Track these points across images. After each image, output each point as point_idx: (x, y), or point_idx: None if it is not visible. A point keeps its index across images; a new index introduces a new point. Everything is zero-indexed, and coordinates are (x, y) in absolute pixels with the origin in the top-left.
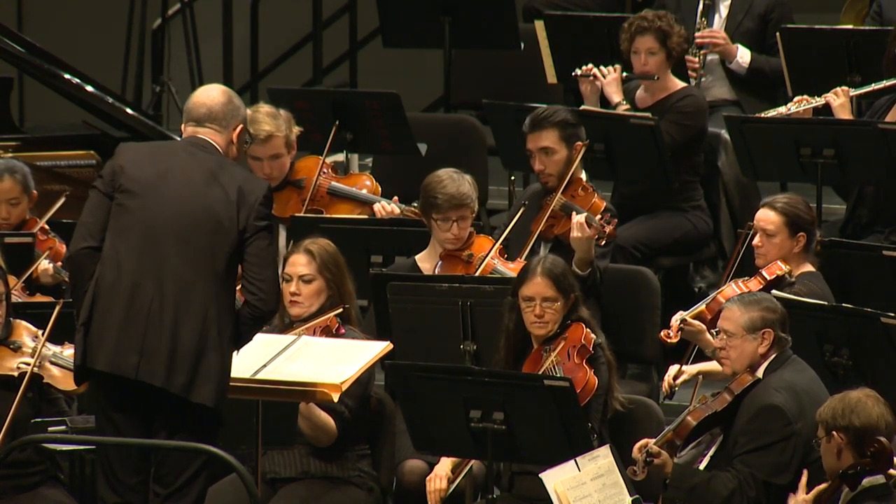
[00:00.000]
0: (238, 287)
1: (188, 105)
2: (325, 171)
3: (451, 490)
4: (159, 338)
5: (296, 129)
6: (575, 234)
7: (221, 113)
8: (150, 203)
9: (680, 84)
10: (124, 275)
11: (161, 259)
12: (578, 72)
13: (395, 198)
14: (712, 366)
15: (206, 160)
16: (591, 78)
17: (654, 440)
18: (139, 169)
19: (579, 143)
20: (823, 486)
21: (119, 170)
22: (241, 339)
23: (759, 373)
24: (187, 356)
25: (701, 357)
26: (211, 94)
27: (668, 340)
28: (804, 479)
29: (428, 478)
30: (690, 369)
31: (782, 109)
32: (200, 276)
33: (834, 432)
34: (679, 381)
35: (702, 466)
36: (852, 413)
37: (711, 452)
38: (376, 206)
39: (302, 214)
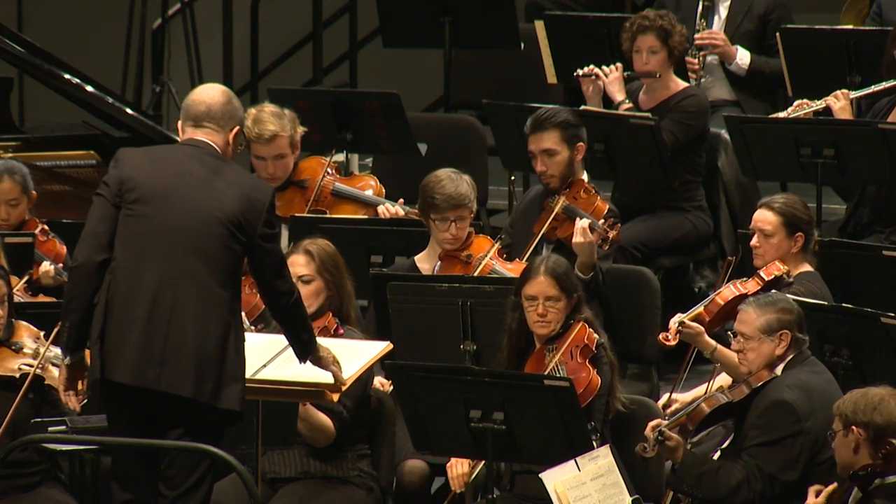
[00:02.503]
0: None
1: (187, 102)
2: (329, 171)
3: (473, 475)
4: (182, 347)
5: (300, 129)
6: (577, 239)
7: (220, 112)
8: (162, 212)
9: (682, 84)
10: (143, 285)
11: (178, 267)
12: (580, 72)
13: (401, 200)
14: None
15: (211, 165)
16: (593, 77)
17: (666, 421)
18: (148, 177)
19: (581, 143)
20: (833, 487)
21: (127, 179)
22: (292, 341)
23: (778, 370)
24: (211, 364)
25: (699, 359)
26: (211, 93)
27: (667, 343)
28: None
29: (448, 465)
30: (683, 397)
31: (782, 114)
32: (218, 283)
33: (853, 427)
34: (671, 410)
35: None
36: (874, 410)
37: (724, 446)
38: (380, 208)
39: (303, 214)
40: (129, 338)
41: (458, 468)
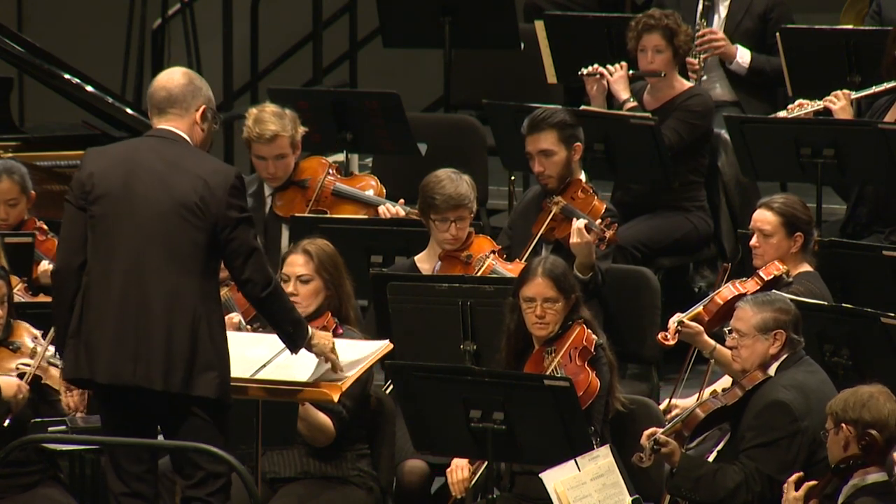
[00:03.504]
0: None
1: (149, 91)
2: (330, 172)
3: (473, 481)
4: (152, 342)
5: (301, 129)
6: (574, 240)
7: (181, 95)
8: (120, 209)
9: (687, 84)
10: (111, 284)
11: (142, 262)
12: (584, 71)
13: (402, 200)
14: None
15: (169, 153)
16: (598, 77)
17: (662, 429)
18: (106, 175)
19: (578, 143)
20: (813, 483)
21: (87, 179)
22: (279, 334)
23: (771, 371)
24: (182, 355)
25: (700, 360)
26: (171, 77)
27: (666, 342)
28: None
29: (448, 470)
30: (683, 403)
31: (782, 114)
32: (183, 273)
33: (843, 424)
34: (670, 416)
35: (709, 460)
36: (863, 407)
37: (720, 447)
38: (381, 209)
39: (303, 214)
40: (102, 338)
41: (459, 474)
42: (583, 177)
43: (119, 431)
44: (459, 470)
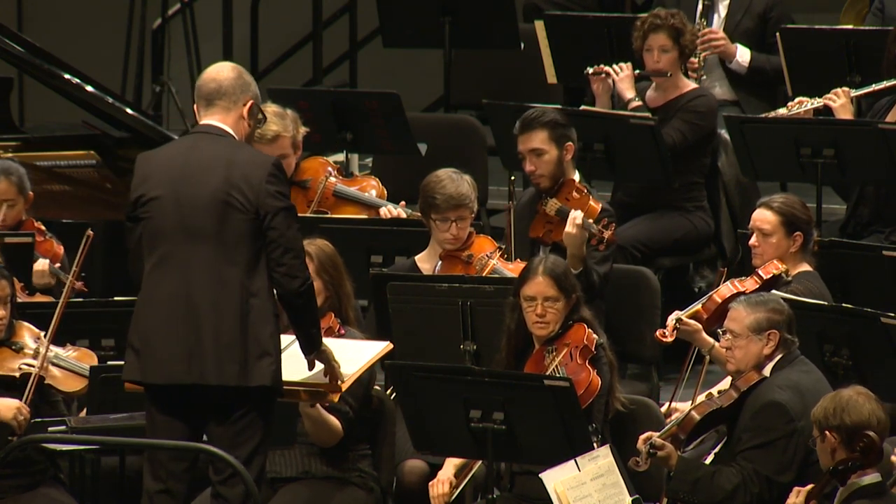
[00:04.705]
0: None
1: (198, 82)
2: (332, 173)
3: (454, 494)
4: (202, 337)
5: (302, 130)
6: (568, 229)
7: (231, 88)
8: (166, 209)
9: (691, 84)
10: (161, 286)
11: (187, 259)
12: (590, 70)
13: (403, 202)
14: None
15: (213, 149)
16: (604, 76)
17: (658, 433)
18: (150, 179)
19: (570, 143)
20: (810, 486)
21: (135, 189)
22: (300, 333)
23: (766, 371)
24: (232, 347)
25: (700, 360)
26: (220, 70)
27: (664, 340)
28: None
29: (431, 483)
30: (684, 406)
31: (782, 111)
32: (230, 266)
33: (827, 432)
34: (671, 419)
35: (707, 462)
36: (843, 412)
37: (717, 450)
38: (382, 210)
39: (303, 214)
40: (153, 339)
41: (439, 488)
42: (577, 177)
43: (167, 431)
44: (440, 484)
